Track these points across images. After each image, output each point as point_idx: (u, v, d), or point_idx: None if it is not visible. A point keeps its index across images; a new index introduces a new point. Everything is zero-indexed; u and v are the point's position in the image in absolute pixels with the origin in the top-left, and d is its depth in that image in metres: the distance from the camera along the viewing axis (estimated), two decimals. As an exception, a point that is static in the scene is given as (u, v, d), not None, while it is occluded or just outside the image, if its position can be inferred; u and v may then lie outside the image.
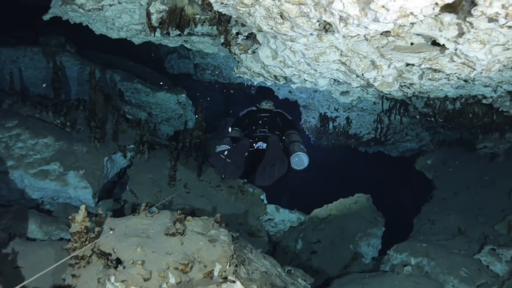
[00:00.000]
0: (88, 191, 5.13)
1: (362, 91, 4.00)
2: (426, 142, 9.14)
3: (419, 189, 8.42)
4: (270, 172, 4.25)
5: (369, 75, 2.59)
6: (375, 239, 6.23)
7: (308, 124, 9.23)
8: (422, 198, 7.18)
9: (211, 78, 9.84)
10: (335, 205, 6.87)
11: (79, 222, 2.82)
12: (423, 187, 7.95)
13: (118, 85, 7.62)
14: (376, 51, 2.49)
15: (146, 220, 3.24)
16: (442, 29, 2.08)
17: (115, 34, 4.21)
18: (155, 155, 5.95)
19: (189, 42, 4.48)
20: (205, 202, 5.44)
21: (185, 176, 5.66)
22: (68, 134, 5.46)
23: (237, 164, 4.39)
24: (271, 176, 4.26)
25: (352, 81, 2.95)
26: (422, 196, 7.34)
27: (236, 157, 4.42)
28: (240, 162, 4.42)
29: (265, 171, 4.26)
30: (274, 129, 4.86)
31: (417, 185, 8.73)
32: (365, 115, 8.54)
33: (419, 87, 3.12)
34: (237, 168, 4.37)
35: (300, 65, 2.96)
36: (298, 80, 3.31)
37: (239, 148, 4.57)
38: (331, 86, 3.77)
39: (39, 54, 7.20)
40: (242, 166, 4.42)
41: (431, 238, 5.29)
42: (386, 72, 2.53)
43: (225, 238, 3.23)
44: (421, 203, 6.53)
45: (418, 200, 7.44)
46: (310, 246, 6.32)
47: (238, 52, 3.55)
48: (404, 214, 7.61)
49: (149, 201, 5.28)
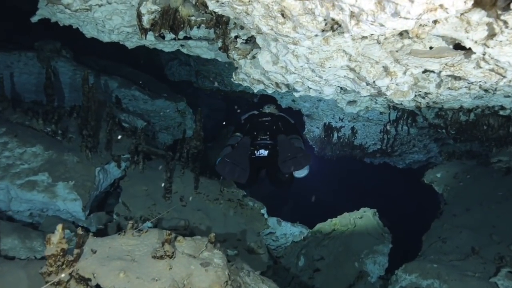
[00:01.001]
0: (78, 204, 4.84)
1: (370, 101, 3.70)
2: (434, 154, 8.84)
3: (427, 204, 8.08)
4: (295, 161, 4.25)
5: (382, 83, 2.30)
6: (381, 257, 5.89)
7: (311, 134, 8.94)
8: (431, 213, 6.85)
9: (212, 85, 9.57)
10: (340, 219, 6.54)
11: (54, 244, 2.52)
12: (432, 201, 7.61)
13: (115, 92, 7.37)
14: (389, 56, 2.20)
15: (132, 240, 2.94)
16: (469, 29, 1.79)
17: (106, 37, 3.95)
18: (150, 165, 5.66)
19: (185, 46, 4.21)
20: (202, 216, 5.13)
21: (182, 188, 5.37)
22: (59, 143, 5.18)
23: (242, 165, 4.37)
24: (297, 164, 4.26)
25: (361, 89, 2.65)
26: (431, 211, 7.01)
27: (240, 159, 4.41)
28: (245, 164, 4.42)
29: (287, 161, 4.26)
30: (275, 134, 4.79)
31: (426, 200, 8.39)
32: (371, 125, 8.24)
33: (435, 97, 2.83)
34: (243, 170, 4.36)
35: (303, 71, 2.67)
36: (301, 88, 3.02)
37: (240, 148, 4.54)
38: (337, 95, 3.48)
39: (34, 60, 6.97)
40: (247, 167, 4.43)
41: (442, 258, 4.94)
42: (401, 79, 2.23)
43: (219, 262, 2.92)
44: (430, 219, 6.18)
45: (426, 215, 7.11)
46: (313, 263, 5.99)
47: (236, 57, 3.27)
48: (412, 230, 7.27)
49: (142, 214, 4.99)
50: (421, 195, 9.90)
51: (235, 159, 4.40)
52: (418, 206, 9.64)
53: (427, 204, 9.10)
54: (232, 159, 4.39)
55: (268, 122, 5.04)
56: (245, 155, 4.53)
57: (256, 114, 5.27)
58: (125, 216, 4.92)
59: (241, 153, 4.52)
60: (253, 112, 5.37)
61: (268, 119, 5.08)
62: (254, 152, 4.82)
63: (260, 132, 4.90)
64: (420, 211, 9.54)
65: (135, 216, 4.94)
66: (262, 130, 4.91)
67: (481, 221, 5.52)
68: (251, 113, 5.37)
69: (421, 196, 9.91)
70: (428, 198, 8.81)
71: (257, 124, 5.04)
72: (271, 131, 4.87)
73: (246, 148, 4.60)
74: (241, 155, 4.49)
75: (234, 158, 4.41)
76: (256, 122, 5.10)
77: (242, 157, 4.47)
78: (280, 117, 5.31)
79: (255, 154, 4.81)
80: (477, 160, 7.40)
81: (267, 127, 4.96)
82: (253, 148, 4.82)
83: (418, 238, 7.07)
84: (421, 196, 9.85)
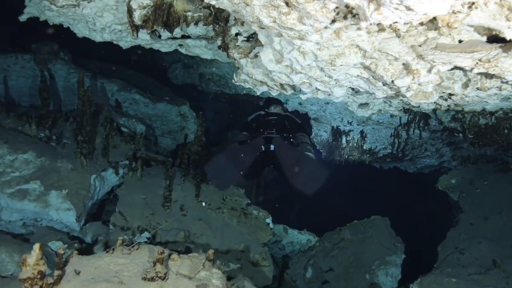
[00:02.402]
0: (72, 213, 4.56)
1: (384, 103, 3.39)
2: (447, 158, 8.48)
3: (442, 212, 7.75)
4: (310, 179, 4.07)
5: (402, 82, 1.99)
6: (394, 268, 5.56)
7: (319, 138, 8.61)
8: (446, 221, 6.51)
9: (217, 88, 9.28)
10: (349, 228, 6.22)
11: (31, 266, 2.24)
12: (446, 209, 7.28)
13: (115, 95, 7.11)
14: (411, 51, 1.89)
15: (121, 259, 2.64)
16: (511, 17, 1.48)
17: (98, 36, 3.67)
18: (149, 172, 5.38)
19: (184, 46, 3.93)
20: (203, 226, 4.84)
21: (182, 196, 5.08)
22: (53, 149, 4.92)
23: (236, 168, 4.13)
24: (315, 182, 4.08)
25: (377, 90, 2.35)
26: (446, 219, 6.67)
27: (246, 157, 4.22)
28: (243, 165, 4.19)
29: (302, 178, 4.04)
30: (282, 131, 4.79)
31: (440, 207, 8.06)
32: (381, 129, 7.91)
33: (459, 99, 2.51)
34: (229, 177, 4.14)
35: (311, 70, 2.37)
36: (308, 90, 2.72)
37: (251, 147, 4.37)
38: (348, 97, 3.17)
39: (31, 62, 6.74)
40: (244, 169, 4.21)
41: (460, 271, 4.60)
42: (424, 78, 1.93)
43: (217, 283, 2.62)
44: (445, 228, 5.84)
45: (441, 224, 6.77)
46: (321, 275, 5.67)
47: (237, 56, 2.98)
48: (426, 239, 6.94)
49: (140, 224, 4.70)
50: (433, 201, 9.57)
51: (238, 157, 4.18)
52: (430, 213, 9.30)
53: (439, 211, 8.75)
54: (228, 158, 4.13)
55: (275, 120, 5.02)
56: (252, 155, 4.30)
57: (263, 114, 5.26)
58: (121, 226, 4.63)
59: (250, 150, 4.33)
60: (260, 113, 5.35)
61: (274, 118, 5.07)
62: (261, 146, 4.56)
63: (266, 129, 4.81)
64: (433, 218, 9.20)
65: (132, 227, 4.66)
66: (268, 128, 4.83)
67: (501, 231, 5.18)
68: (257, 114, 5.36)
69: (433, 203, 9.57)
70: (441, 205, 8.47)
71: (263, 123, 4.99)
72: (277, 128, 4.82)
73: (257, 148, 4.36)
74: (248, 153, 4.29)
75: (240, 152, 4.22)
76: (262, 121, 5.06)
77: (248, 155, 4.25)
78: (286, 116, 5.30)
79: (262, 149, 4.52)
80: (493, 165, 7.05)
81: (274, 125, 4.90)
82: None
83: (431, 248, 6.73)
84: (433, 203, 9.51)
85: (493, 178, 6.19)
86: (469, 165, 7.13)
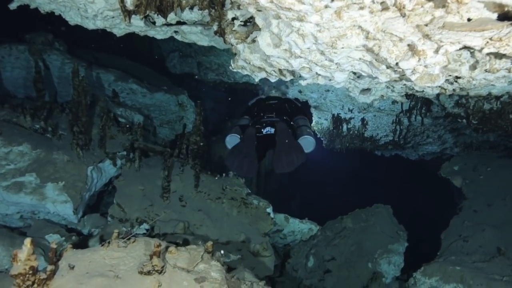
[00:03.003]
0: (69, 206, 4.49)
1: (386, 89, 3.28)
2: (449, 145, 8.38)
3: (444, 199, 7.67)
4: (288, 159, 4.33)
5: (407, 64, 1.89)
6: (396, 256, 5.49)
7: (320, 126, 8.50)
8: (449, 209, 6.44)
9: (215, 77, 9.15)
10: (351, 216, 6.14)
11: (22, 261, 2.16)
12: (449, 196, 7.20)
13: (111, 85, 6.99)
14: (417, 31, 1.78)
15: (117, 252, 2.57)
16: (526, -10, 1.38)
17: (91, 24, 3.55)
18: (148, 163, 5.30)
19: (179, 33, 3.81)
20: (202, 217, 4.77)
21: (181, 187, 5.00)
22: (48, 141, 4.83)
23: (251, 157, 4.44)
24: (290, 163, 4.32)
25: (380, 74, 2.25)
26: (449, 206, 6.60)
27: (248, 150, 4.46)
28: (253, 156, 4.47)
29: (282, 158, 4.34)
30: (282, 114, 4.93)
31: (442, 194, 7.98)
32: (383, 116, 7.79)
33: (465, 82, 2.41)
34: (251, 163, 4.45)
35: (311, 54, 2.27)
36: (308, 75, 2.61)
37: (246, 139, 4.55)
38: (350, 82, 3.07)
39: (26, 53, 6.61)
40: (255, 158, 4.50)
41: (465, 258, 4.54)
42: (431, 60, 1.82)
43: (216, 276, 2.54)
44: (448, 215, 5.77)
45: (444, 211, 6.70)
46: (323, 264, 5.61)
47: (234, 41, 2.87)
48: (429, 227, 6.87)
49: (138, 216, 4.63)
50: (435, 189, 9.50)
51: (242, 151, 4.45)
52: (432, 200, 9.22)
53: (441, 198, 8.68)
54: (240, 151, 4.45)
55: (275, 104, 5.13)
56: (252, 146, 4.52)
57: (263, 98, 5.36)
58: (119, 218, 4.56)
59: (248, 144, 4.51)
60: (260, 97, 5.46)
61: (275, 102, 5.18)
62: (261, 130, 4.80)
63: (266, 112, 4.96)
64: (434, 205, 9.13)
65: (131, 218, 4.59)
66: (269, 111, 4.97)
67: (506, 218, 5.10)
68: (258, 98, 5.47)
69: (435, 190, 9.50)
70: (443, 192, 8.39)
71: (264, 107, 5.11)
72: (278, 112, 4.96)
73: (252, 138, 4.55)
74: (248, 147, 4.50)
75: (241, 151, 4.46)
76: (263, 105, 5.17)
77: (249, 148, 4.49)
78: (286, 99, 5.40)
79: (262, 132, 4.78)
80: (497, 151, 6.95)
81: (274, 108, 5.03)
82: (259, 126, 4.82)
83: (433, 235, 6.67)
84: (436, 190, 9.45)
85: (496, 164, 6.10)
86: (472, 151, 7.03)
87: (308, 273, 5.66)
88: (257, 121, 4.94)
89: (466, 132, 7.73)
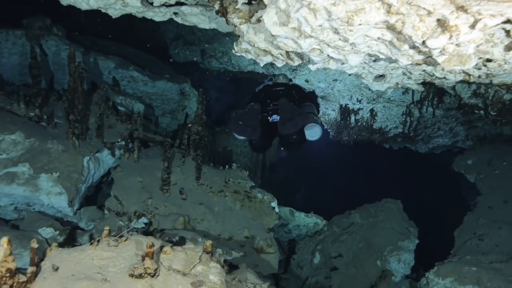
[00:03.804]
0: (63, 198, 4.28)
1: (403, 75, 3.01)
2: (461, 138, 8.08)
3: (457, 194, 7.40)
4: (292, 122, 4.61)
5: (435, 42, 1.62)
6: (407, 254, 5.25)
7: (327, 117, 8.21)
8: (462, 204, 6.18)
9: (220, 66, 8.87)
10: (359, 211, 5.89)
11: (-2, 263, 1.94)
12: (462, 191, 6.93)
13: (112, 73, 6.75)
14: (449, 2, 1.52)
15: (106, 252, 2.34)
16: None
17: (84, 3, 3.30)
18: (147, 154, 5.07)
19: (179, 14, 3.55)
20: (204, 211, 4.54)
21: (181, 179, 4.77)
22: (43, 130, 4.60)
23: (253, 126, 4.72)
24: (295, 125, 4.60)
25: (401, 56, 1.98)
26: (462, 202, 6.34)
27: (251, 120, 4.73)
28: (255, 125, 4.74)
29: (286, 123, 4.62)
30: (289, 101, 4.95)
31: (455, 189, 7.70)
32: (393, 107, 7.50)
33: (496, 67, 2.13)
34: (254, 129, 4.71)
35: (323, 33, 2.00)
36: (319, 58, 2.35)
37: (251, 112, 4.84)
38: (364, 67, 2.80)
39: (23, 38, 6.37)
40: (258, 128, 4.76)
41: (480, 258, 4.29)
42: (465, 37, 1.55)
43: (215, 280, 2.31)
44: (461, 211, 5.51)
45: (456, 207, 6.44)
46: (330, 261, 5.38)
47: (237, 21, 2.61)
48: (440, 223, 6.62)
49: (136, 209, 4.42)
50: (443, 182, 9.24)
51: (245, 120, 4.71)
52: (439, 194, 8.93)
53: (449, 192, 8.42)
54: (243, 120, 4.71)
55: (282, 91, 5.20)
56: (255, 117, 4.79)
57: (270, 85, 5.41)
58: (117, 211, 4.35)
59: (251, 116, 4.77)
60: (268, 83, 5.50)
61: (282, 88, 5.25)
62: (268, 118, 4.97)
63: (273, 99, 5.05)
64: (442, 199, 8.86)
65: (129, 212, 4.37)
66: (275, 98, 5.05)
67: (523, 215, 4.84)
68: (265, 84, 5.51)
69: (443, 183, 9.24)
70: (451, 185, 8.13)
71: (271, 93, 5.20)
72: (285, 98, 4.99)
73: (256, 112, 4.84)
74: (252, 118, 4.75)
75: (244, 120, 4.71)
76: (270, 92, 5.26)
77: (252, 119, 4.74)
78: (294, 86, 5.50)
79: (269, 120, 4.96)
80: (511, 145, 6.66)
81: (281, 95, 5.09)
82: (266, 114, 4.98)
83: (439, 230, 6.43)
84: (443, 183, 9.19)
85: (512, 158, 5.82)
86: (485, 144, 6.73)
87: (313, 270, 5.44)
88: (264, 108, 5.00)
89: (478, 125, 7.43)
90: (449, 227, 5.41)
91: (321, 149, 10.63)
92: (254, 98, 5.28)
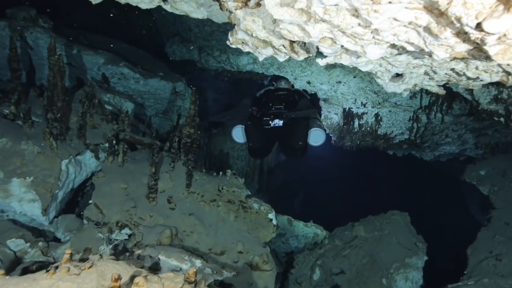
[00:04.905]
0: (37, 205, 3.85)
1: (425, 75, 2.58)
2: (469, 146, 7.67)
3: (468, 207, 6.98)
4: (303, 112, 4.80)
5: (496, 25, 1.20)
6: (415, 272, 4.83)
7: (329, 121, 7.78)
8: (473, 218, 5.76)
9: (217, 65, 8.44)
10: (363, 224, 5.47)
11: None
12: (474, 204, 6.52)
13: (101, 69, 6.32)
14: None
15: (64, 282, 1.90)
16: None
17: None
18: (134, 157, 4.63)
19: (169, 1, 3.12)
20: (194, 222, 4.11)
21: (170, 186, 4.34)
22: (18, 129, 4.17)
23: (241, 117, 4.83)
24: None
25: (438, 46, 1.56)
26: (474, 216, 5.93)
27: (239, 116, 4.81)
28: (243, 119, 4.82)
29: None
30: (291, 106, 4.95)
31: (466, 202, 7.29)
32: (399, 111, 7.09)
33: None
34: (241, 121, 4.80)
35: (338, 15, 1.58)
36: (330, 50, 1.92)
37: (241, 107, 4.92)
38: (381, 64, 2.37)
39: (6, 30, 5.94)
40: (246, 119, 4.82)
41: (499, 282, 3.86)
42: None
43: (197, 319, 1.87)
44: (473, 225, 5.09)
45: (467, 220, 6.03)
46: (331, 278, 4.95)
47: (232, 5, 2.17)
48: (451, 238, 6.19)
49: (119, 219, 3.98)
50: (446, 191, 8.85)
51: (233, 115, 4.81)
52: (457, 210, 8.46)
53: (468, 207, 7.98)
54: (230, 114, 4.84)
55: (284, 95, 5.17)
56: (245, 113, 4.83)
57: (272, 89, 5.38)
58: (96, 221, 3.91)
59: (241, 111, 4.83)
60: (269, 88, 5.47)
61: (284, 93, 5.22)
62: (269, 122, 4.87)
63: (275, 104, 4.98)
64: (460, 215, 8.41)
65: (110, 222, 3.93)
66: (277, 103, 4.98)
67: (545, 233, 4.43)
68: (267, 89, 5.47)
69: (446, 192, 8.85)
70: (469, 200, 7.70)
71: (273, 98, 5.13)
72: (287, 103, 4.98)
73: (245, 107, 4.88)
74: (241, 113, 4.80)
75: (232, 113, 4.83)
76: (272, 96, 5.19)
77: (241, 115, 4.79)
78: (296, 91, 5.53)
79: (270, 125, 4.86)
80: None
81: (283, 99, 5.05)
82: (268, 119, 4.88)
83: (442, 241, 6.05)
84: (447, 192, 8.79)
85: (529, 169, 5.41)
86: (498, 154, 6.32)
87: (313, 287, 5.00)
88: (265, 112, 4.90)
89: (488, 132, 7.03)
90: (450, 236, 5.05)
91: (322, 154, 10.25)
92: (255, 102, 5.22)
